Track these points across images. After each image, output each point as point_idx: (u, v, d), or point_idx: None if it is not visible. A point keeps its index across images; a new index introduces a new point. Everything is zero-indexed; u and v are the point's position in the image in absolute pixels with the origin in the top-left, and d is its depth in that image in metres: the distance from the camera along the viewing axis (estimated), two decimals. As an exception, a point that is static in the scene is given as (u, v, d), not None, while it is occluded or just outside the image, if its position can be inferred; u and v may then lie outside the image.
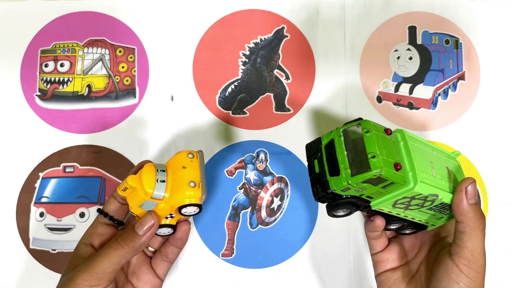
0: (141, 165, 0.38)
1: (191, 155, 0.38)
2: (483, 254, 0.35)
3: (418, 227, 0.40)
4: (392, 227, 0.40)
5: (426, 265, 0.39)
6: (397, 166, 0.33)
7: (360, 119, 0.36)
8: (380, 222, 0.38)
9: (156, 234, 0.38)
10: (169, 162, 0.38)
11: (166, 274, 0.42)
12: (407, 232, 0.41)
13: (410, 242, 0.42)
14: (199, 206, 0.37)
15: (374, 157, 0.32)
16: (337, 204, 0.36)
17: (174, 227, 0.39)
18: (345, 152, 0.34)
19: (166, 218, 0.38)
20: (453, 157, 0.40)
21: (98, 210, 0.40)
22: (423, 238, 0.41)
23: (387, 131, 0.36)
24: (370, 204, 0.37)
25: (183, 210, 0.36)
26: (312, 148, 0.38)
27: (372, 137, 0.34)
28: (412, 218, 0.38)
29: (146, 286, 0.40)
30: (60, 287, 0.35)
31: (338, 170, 0.34)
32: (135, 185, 0.35)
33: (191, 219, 0.47)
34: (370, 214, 0.39)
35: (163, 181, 0.36)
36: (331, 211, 0.37)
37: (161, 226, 0.38)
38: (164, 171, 0.37)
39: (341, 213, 0.37)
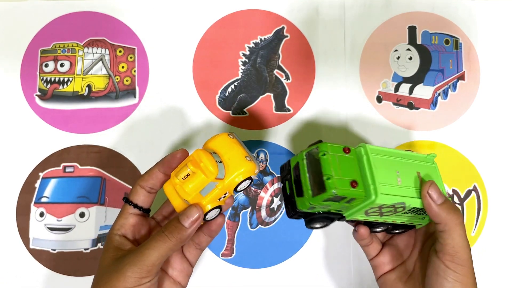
0: (174, 156, 0.38)
1: (231, 135, 0.39)
2: (466, 247, 0.36)
3: (406, 226, 0.41)
4: (378, 229, 0.41)
5: (421, 262, 0.40)
6: (353, 184, 0.34)
7: (320, 141, 0.37)
8: (363, 230, 0.40)
9: (204, 219, 0.38)
10: (209, 146, 0.38)
11: (197, 261, 0.42)
12: (397, 232, 0.42)
13: (404, 241, 0.42)
14: (251, 178, 0.38)
15: (329, 178, 0.34)
16: (311, 220, 0.37)
17: (221, 208, 0.39)
18: (307, 174, 0.36)
19: (219, 199, 0.38)
20: (429, 159, 0.40)
21: (126, 200, 0.39)
22: (416, 236, 0.42)
23: (345, 150, 0.37)
24: (344, 215, 0.38)
25: (240, 186, 0.37)
26: (284, 170, 0.39)
27: (328, 159, 0.35)
28: (393, 221, 0.39)
29: (181, 275, 0.40)
30: (106, 277, 0.34)
31: (302, 191, 0.36)
32: (197, 170, 0.35)
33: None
34: (353, 223, 0.40)
35: (220, 162, 0.36)
36: (308, 225, 0.39)
37: (211, 209, 0.38)
38: (215, 153, 0.37)
39: (318, 226, 0.39)
